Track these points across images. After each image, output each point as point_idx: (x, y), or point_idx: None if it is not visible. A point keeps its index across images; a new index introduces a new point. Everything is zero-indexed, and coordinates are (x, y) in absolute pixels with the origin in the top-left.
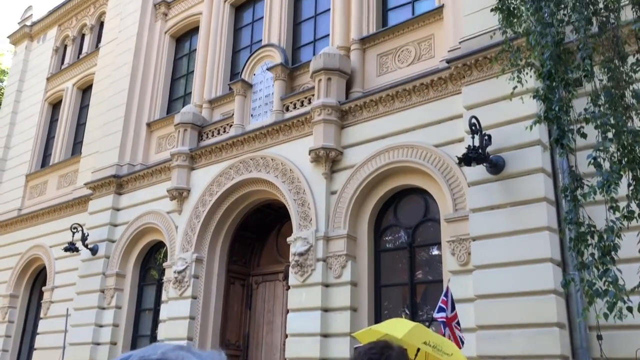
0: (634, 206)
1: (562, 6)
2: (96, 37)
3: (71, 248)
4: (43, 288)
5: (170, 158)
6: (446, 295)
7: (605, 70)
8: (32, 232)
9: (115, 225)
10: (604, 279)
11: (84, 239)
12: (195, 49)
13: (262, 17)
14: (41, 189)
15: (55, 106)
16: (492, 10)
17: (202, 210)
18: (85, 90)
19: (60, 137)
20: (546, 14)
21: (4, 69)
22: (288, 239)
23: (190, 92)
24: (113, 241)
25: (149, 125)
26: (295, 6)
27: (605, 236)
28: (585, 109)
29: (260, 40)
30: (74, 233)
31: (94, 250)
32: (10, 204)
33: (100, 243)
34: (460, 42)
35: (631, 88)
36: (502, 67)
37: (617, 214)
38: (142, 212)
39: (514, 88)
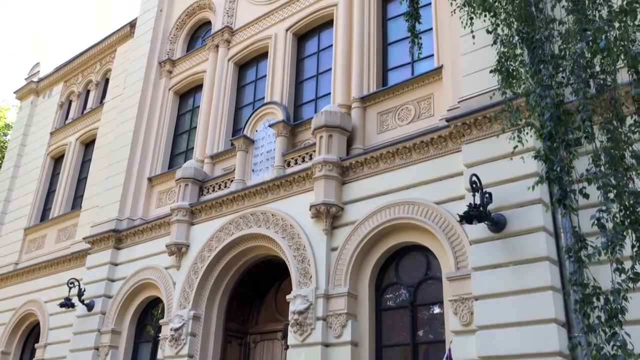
0: (639, 268)
1: (561, 69)
2: (101, 93)
3: (67, 303)
4: (36, 345)
5: (170, 213)
6: (448, 358)
7: (605, 131)
8: (27, 287)
9: (113, 281)
10: (611, 342)
11: (80, 294)
12: (199, 106)
13: (264, 76)
14: (39, 242)
15: (58, 160)
16: (491, 71)
17: (201, 266)
18: (88, 144)
19: (61, 191)
20: (545, 76)
21: (8, 123)
22: (287, 297)
23: (193, 148)
24: (110, 297)
25: (150, 179)
26: (297, 65)
27: (611, 298)
28: (587, 170)
29: (263, 98)
30: (70, 288)
31: (90, 306)
32: (7, 258)
33: (97, 299)
34: (459, 102)
35: (630, 149)
36: (502, 127)
37: (623, 276)
38: (140, 267)
39: (515, 147)
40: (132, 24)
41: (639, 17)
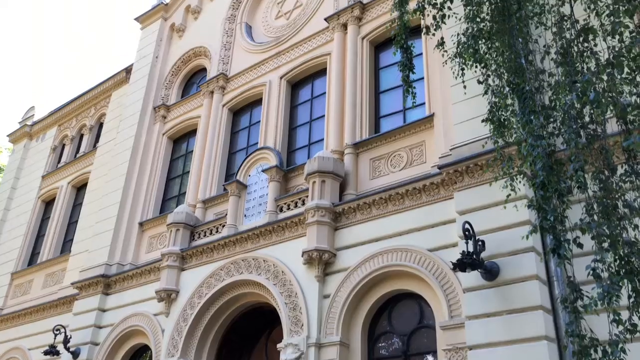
0: (636, 319)
1: (552, 119)
2: (95, 137)
3: (51, 351)
4: None
5: (160, 258)
6: None
7: (597, 181)
8: (11, 334)
9: (100, 327)
10: None
11: (66, 341)
12: (192, 151)
13: (258, 121)
14: (26, 287)
15: (48, 204)
16: (483, 121)
17: (190, 313)
18: (80, 188)
19: (51, 235)
20: (536, 126)
21: (0, 166)
22: (278, 346)
23: (185, 192)
24: (96, 344)
25: (141, 224)
26: (291, 112)
27: (609, 350)
28: (581, 219)
29: (257, 143)
30: (56, 335)
31: (75, 354)
32: None
33: (83, 346)
34: (451, 149)
35: (623, 198)
36: (494, 175)
37: (620, 327)
38: (129, 313)
39: (508, 196)
40: (128, 70)
41: (625, 70)
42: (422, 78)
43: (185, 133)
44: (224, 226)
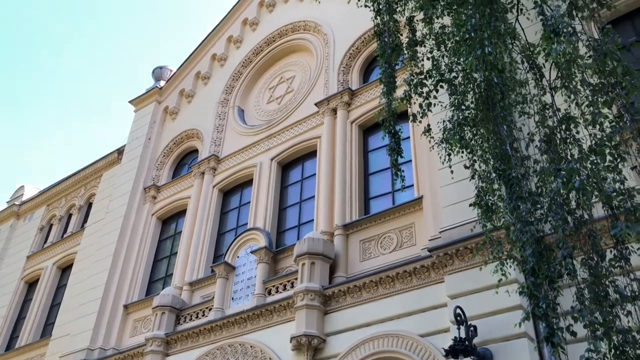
0: None
1: (539, 206)
2: (83, 217)
3: None
4: None
5: (144, 342)
6: None
7: (587, 267)
8: None
9: None
10: None
11: None
12: (181, 231)
13: (248, 202)
14: None
15: (32, 285)
16: (471, 205)
17: None
18: (65, 269)
19: (32, 317)
20: (524, 212)
21: None
22: None
23: (172, 274)
24: None
25: (126, 307)
26: (281, 192)
27: None
28: (572, 307)
29: (246, 224)
30: None
31: None
32: None
33: None
34: (440, 232)
35: (613, 284)
36: (484, 259)
37: None
38: None
39: (499, 281)
40: (120, 151)
41: (607, 159)
42: (410, 160)
43: (175, 213)
44: (210, 309)
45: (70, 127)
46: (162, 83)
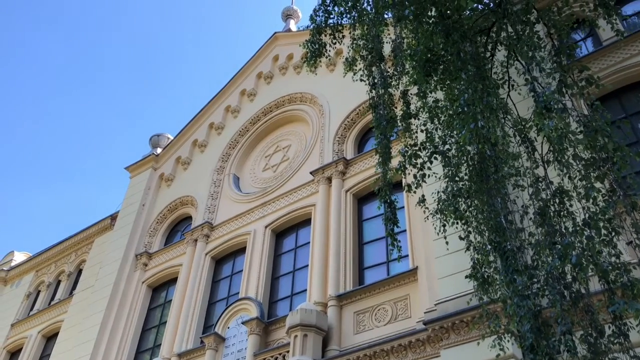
0: None
1: (535, 280)
2: (72, 284)
3: None
4: None
5: None
6: None
7: (586, 344)
8: None
9: None
10: None
11: None
12: (171, 300)
13: (241, 270)
14: None
15: (14, 355)
16: (466, 277)
17: None
18: (50, 338)
19: None
20: (520, 286)
21: None
22: None
23: (160, 344)
24: None
25: None
26: (274, 261)
27: None
28: None
29: (238, 293)
30: None
31: None
32: None
33: None
34: (436, 304)
35: None
36: (481, 333)
37: None
38: None
39: (497, 356)
40: (113, 217)
41: (602, 233)
42: (405, 230)
43: (166, 281)
44: None
45: (64, 192)
46: (159, 150)
